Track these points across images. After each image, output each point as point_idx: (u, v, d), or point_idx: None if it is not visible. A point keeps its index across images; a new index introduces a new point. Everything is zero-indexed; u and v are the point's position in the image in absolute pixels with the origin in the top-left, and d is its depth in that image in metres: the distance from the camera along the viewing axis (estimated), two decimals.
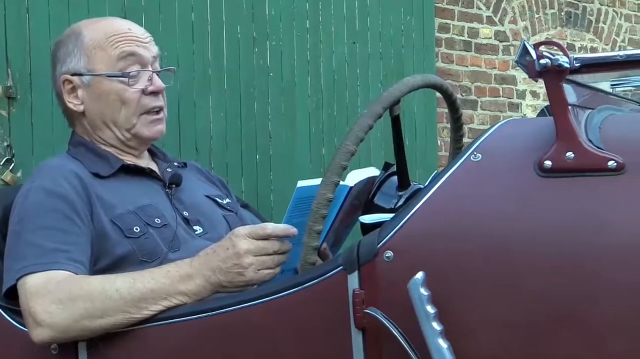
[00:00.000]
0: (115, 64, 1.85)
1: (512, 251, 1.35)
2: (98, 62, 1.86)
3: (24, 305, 1.60)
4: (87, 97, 1.87)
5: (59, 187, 1.72)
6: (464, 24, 4.63)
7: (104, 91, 1.86)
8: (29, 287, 1.60)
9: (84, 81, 1.87)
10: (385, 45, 4.03)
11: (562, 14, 5.25)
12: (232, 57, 3.43)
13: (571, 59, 1.35)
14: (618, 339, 1.30)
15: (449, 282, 1.36)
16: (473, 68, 4.70)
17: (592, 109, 1.51)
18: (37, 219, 1.68)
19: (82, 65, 1.86)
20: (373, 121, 1.52)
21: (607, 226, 1.32)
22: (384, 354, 1.40)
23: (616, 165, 1.34)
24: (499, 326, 1.35)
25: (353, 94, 3.87)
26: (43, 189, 1.72)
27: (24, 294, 1.60)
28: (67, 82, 1.88)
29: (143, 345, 1.57)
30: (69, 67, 1.88)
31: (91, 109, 1.88)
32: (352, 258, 1.41)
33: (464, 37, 4.64)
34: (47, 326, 1.56)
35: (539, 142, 1.39)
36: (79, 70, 1.87)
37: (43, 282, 1.59)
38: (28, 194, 1.73)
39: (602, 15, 5.50)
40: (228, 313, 1.50)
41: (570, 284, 1.32)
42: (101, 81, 1.85)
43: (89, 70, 1.86)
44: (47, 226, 1.67)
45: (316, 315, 1.44)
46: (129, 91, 1.85)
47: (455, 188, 1.41)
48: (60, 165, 1.81)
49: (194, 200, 1.90)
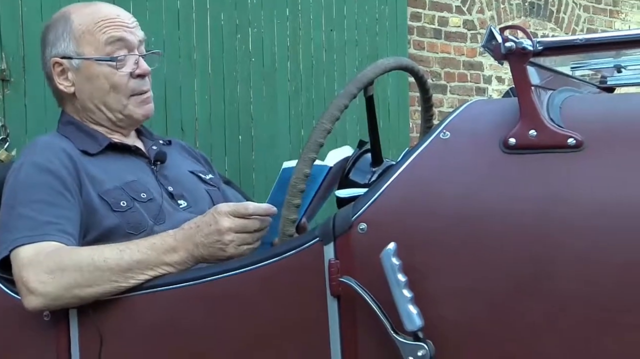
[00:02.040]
0: (103, 48, 1.83)
1: (478, 223, 1.35)
2: (87, 46, 1.84)
3: (16, 275, 1.59)
4: (77, 79, 1.86)
5: (49, 164, 1.71)
6: (435, 13, 4.63)
7: (93, 74, 1.84)
8: (22, 258, 1.59)
9: (74, 64, 1.85)
10: (361, 32, 4.03)
11: (526, 4, 5.26)
12: (216, 43, 3.42)
13: (534, 42, 1.35)
14: (576, 307, 1.30)
15: (419, 252, 1.36)
16: (443, 55, 4.70)
17: (554, 90, 1.51)
18: (29, 193, 1.67)
19: (71, 49, 1.85)
20: (348, 101, 1.52)
21: (567, 199, 1.32)
22: (358, 320, 1.40)
23: (575, 142, 1.34)
24: (466, 294, 1.35)
25: (330, 79, 3.86)
26: (34, 165, 1.71)
27: (17, 264, 1.59)
28: (57, 65, 1.86)
29: (130, 312, 1.56)
30: (59, 51, 1.86)
31: (81, 90, 1.86)
32: (328, 230, 1.40)
33: (434, 25, 4.64)
34: (39, 295, 1.55)
35: (504, 121, 1.39)
36: (68, 53, 1.85)
37: (34, 253, 1.58)
38: (20, 169, 1.72)
39: (563, 6, 5.52)
40: (211, 282, 1.49)
41: (532, 255, 1.32)
42: (90, 65, 1.84)
43: (78, 54, 1.84)
44: (39, 199, 1.66)
45: (294, 283, 1.44)
46: (117, 74, 1.84)
47: (425, 164, 1.41)
48: (50, 143, 1.80)
49: (178, 176, 1.90)
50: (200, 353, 1.51)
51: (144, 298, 1.54)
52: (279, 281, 1.45)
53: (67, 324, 1.59)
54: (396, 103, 4.15)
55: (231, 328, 1.49)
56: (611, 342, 1.28)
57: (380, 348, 1.37)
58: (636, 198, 1.29)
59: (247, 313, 1.48)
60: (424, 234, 1.37)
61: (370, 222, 1.39)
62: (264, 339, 1.47)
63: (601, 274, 1.29)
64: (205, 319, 1.51)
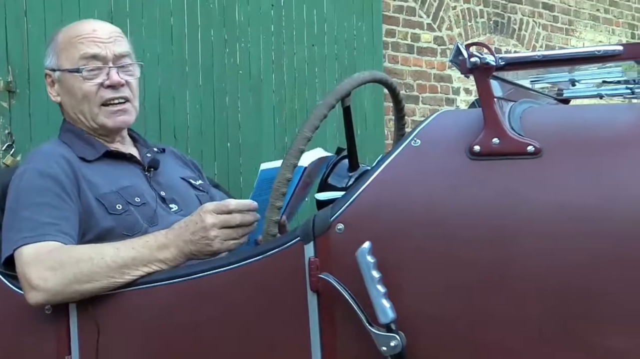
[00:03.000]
0: (77, 62, 1.84)
1: (446, 223, 1.35)
2: (64, 60, 1.85)
3: (20, 272, 1.58)
4: (60, 90, 1.88)
5: (50, 169, 1.70)
6: (408, 29, 4.63)
7: (69, 85, 1.85)
8: (25, 256, 1.58)
9: (56, 76, 1.87)
10: (340, 47, 4.03)
11: (491, 22, 5.27)
12: (206, 57, 3.41)
13: (497, 58, 1.35)
14: (536, 300, 1.30)
15: (392, 250, 1.36)
16: (415, 68, 4.71)
17: (515, 101, 1.52)
18: (31, 197, 1.67)
19: (54, 62, 1.87)
20: (327, 111, 1.51)
21: (527, 201, 1.32)
22: (336, 313, 1.39)
23: (534, 149, 1.34)
24: (435, 289, 1.35)
25: (312, 90, 3.86)
26: (36, 170, 1.71)
27: (20, 262, 1.58)
28: (48, 76, 1.90)
29: (125, 307, 1.56)
30: (48, 64, 1.90)
31: (64, 101, 1.88)
32: (308, 230, 1.40)
33: (407, 41, 4.64)
34: (41, 290, 1.55)
35: (470, 130, 1.39)
36: (52, 66, 1.88)
37: (36, 251, 1.58)
38: (23, 175, 1.71)
39: (524, 25, 5.54)
40: (199, 279, 1.49)
41: (496, 252, 1.32)
42: (66, 76, 1.85)
43: (58, 67, 1.86)
44: (40, 202, 1.65)
45: (277, 279, 1.44)
46: (85, 84, 1.83)
47: (397, 169, 1.41)
48: (51, 150, 1.79)
49: (170, 182, 1.89)
50: (189, 344, 1.50)
51: (137, 294, 1.53)
52: (263, 277, 1.45)
53: (67, 318, 1.58)
54: (372, 113, 4.15)
55: (218, 320, 1.48)
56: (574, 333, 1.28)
57: (357, 339, 1.36)
58: (588, 201, 1.30)
59: (233, 307, 1.47)
60: (397, 234, 1.37)
61: (347, 223, 1.39)
62: (248, 330, 1.46)
63: (558, 269, 1.29)
64: (194, 314, 1.50)
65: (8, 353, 1.65)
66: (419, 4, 4.71)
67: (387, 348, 1.33)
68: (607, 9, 6.37)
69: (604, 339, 1.27)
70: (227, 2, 3.50)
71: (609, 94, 1.74)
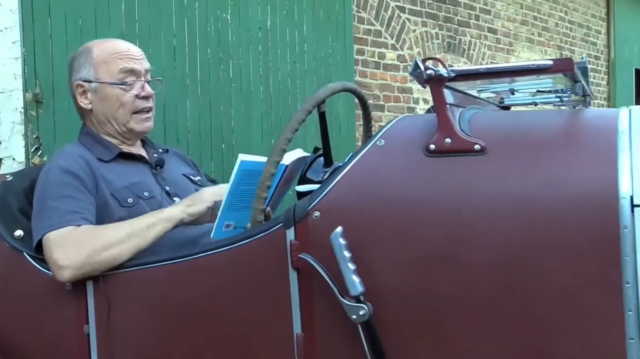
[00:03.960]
0: (116, 75, 1.81)
1: (406, 210, 1.35)
2: (103, 73, 1.81)
3: (48, 254, 1.56)
4: (94, 98, 1.83)
5: (71, 167, 1.69)
6: (375, 49, 4.62)
7: (107, 95, 1.81)
8: (52, 240, 1.57)
9: (92, 87, 1.82)
10: (318, 64, 4.02)
11: (445, 43, 5.28)
12: (204, 72, 3.39)
13: (448, 70, 1.35)
14: (484, 273, 1.30)
15: (361, 234, 1.35)
16: (381, 81, 4.70)
17: (464, 107, 1.51)
18: (56, 190, 1.65)
19: (91, 74, 1.82)
20: (305, 116, 1.50)
21: (474, 191, 1.32)
22: (313, 287, 1.39)
23: (480, 147, 1.34)
24: (398, 266, 1.35)
25: (294, 100, 3.84)
26: (60, 168, 1.69)
27: (49, 246, 1.57)
28: (79, 87, 1.84)
29: (132, 284, 1.54)
30: (82, 76, 1.84)
31: (97, 108, 1.83)
32: (289, 217, 1.39)
33: (374, 59, 4.63)
34: (67, 267, 1.53)
35: (426, 131, 1.39)
36: (88, 78, 1.83)
37: (62, 235, 1.57)
38: (49, 172, 1.70)
39: (472, 45, 5.55)
40: (197, 259, 1.47)
41: (448, 235, 1.32)
42: (105, 87, 1.81)
43: (96, 79, 1.82)
44: (64, 194, 1.64)
45: (263, 259, 1.43)
46: (125, 95, 1.81)
47: (365, 165, 1.40)
48: (72, 151, 1.77)
49: (173, 178, 1.87)
50: (188, 316, 1.49)
51: (142, 273, 1.52)
52: (251, 257, 1.44)
53: (85, 293, 1.56)
54: (345, 119, 4.14)
55: (213, 295, 1.47)
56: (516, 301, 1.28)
57: (331, 308, 1.36)
58: (524, 190, 1.29)
59: (226, 283, 1.46)
60: (365, 219, 1.36)
61: (322, 211, 1.38)
62: (240, 302, 1.45)
63: (501, 247, 1.29)
64: (192, 289, 1.48)
65: (38, 324, 1.63)
66: (384, 28, 4.70)
67: (356, 316, 1.32)
68: (540, 33, 6.41)
69: (541, 307, 1.27)
70: (221, 26, 3.49)
71: (542, 101, 1.74)
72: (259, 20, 3.67)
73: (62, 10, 2.75)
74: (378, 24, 4.66)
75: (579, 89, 1.58)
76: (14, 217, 1.70)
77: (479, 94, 1.74)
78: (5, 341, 1.63)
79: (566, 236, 1.25)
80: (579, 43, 6.92)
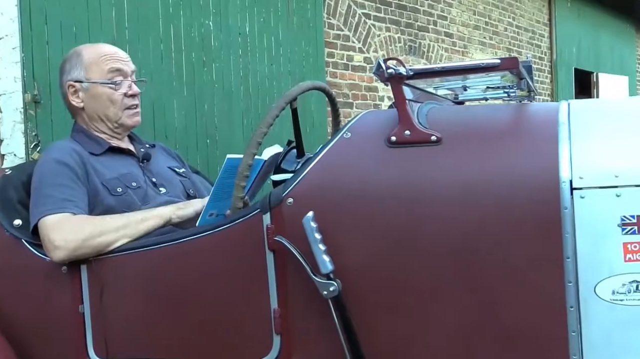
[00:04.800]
0: (105, 75, 1.77)
1: (369, 196, 1.33)
2: (93, 73, 1.77)
3: (44, 237, 1.53)
4: (85, 97, 1.79)
5: (64, 159, 1.65)
6: (344, 52, 4.60)
7: (97, 93, 1.78)
8: (48, 224, 1.53)
9: (84, 86, 1.78)
10: (293, 66, 3.99)
11: (406, 46, 5.27)
12: (189, 74, 3.34)
13: (407, 69, 1.34)
14: (440, 253, 1.29)
15: (330, 218, 1.34)
16: (350, 81, 4.68)
17: (422, 103, 1.50)
18: (51, 179, 1.61)
19: (82, 75, 1.78)
20: (279, 112, 1.48)
21: (431, 178, 1.31)
22: (288, 267, 1.37)
23: (436, 139, 1.33)
24: (363, 247, 1.34)
25: (271, 99, 3.81)
26: (54, 160, 1.65)
27: (45, 229, 1.53)
28: (71, 87, 1.79)
29: (122, 266, 1.51)
30: (73, 76, 1.79)
31: (88, 105, 1.79)
32: (265, 203, 1.37)
33: (344, 61, 4.61)
34: (63, 248, 1.50)
35: (388, 125, 1.38)
36: (80, 78, 1.78)
37: (57, 220, 1.54)
38: (44, 164, 1.66)
39: (431, 48, 5.55)
40: (182, 243, 1.45)
41: (407, 219, 1.31)
42: (96, 87, 1.77)
43: (87, 79, 1.78)
44: (58, 184, 1.60)
45: (243, 242, 1.40)
46: (115, 94, 1.78)
47: (333, 155, 1.38)
48: (64, 145, 1.74)
49: (159, 170, 1.84)
50: (173, 297, 1.46)
51: (132, 256, 1.49)
52: (232, 241, 1.41)
53: (79, 275, 1.53)
54: (317, 115, 4.12)
55: (198, 276, 1.45)
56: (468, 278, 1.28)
57: (304, 286, 1.34)
58: (476, 177, 1.29)
59: (210, 265, 1.44)
60: (333, 205, 1.35)
61: (295, 198, 1.36)
62: (222, 282, 1.43)
63: (455, 230, 1.28)
64: (178, 271, 1.46)
65: (37, 305, 1.59)
66: (352, 33, 4.68)
67: (327, 292, 1.31)
68: (491, 37, 6.43)
69: (491, 283, 1.27)
70: (204, 32, 3.44)
71: (492, 97, 1.74)
72: (238, 27, 3.63)
73: (57, 18, 2.71)
74: (346, 29, 4.63)
75: (524, 85, 1.58)
76: (13, 208, 1.66)
77: (436, 91, 1.73)
78: (6, 322, 1.59)
79: (513, 218, 1.25)
80: (525, 45, 6.96)
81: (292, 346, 1.38)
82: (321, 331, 1.34)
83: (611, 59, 8.66)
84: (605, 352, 1.22)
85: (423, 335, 1.30)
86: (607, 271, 1.21)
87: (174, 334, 1.45)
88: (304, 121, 3.88)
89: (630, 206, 1.21)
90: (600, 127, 1.35)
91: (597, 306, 1.21)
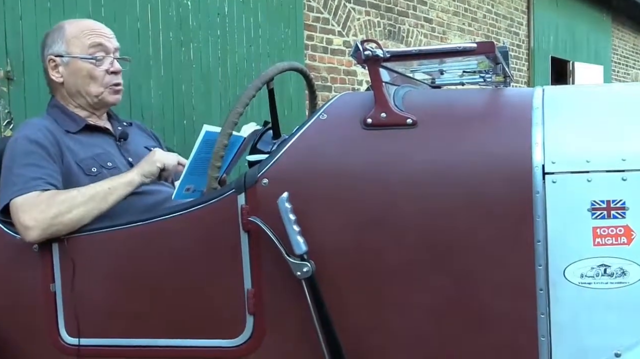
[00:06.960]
0: (87, 50, 1.73)
1: (344, 177, 1.33)
2: (74, 48, 1.73)
3: (15, 217, 1.50)
4: (65, 72, 1.74)
5: (37, 137, 1.61)
6: (323, 35, 4.57)
7: (78, 68, 1.73)
8: (19, 204, 1.51)
9: (64, 61, 1.74)
10: (271, 48, 3.96)
11: (386, 30, 5.26)
12: (166, 54, 3.30)
13: (384, 51, 1.33)
14: (412, 233, 1.30)
15: (304, 199, 1.33)
16: (329, 65, 4.66)
17: (398, 86, 1.50)
18: (22, 158, 1.57)
19: (63, 49, 1.74)
20: (255, 92, 1.47)
21: (405, 160, 1.31)
22: (262, 248, 1.37)
23: (412, 121, 1.33)
24: (338, 228, 1.34)
25: (250, 80, 3.77)
26: (26, 138, 1.61)
27: (16, 209, 1.50)
28: (52, 61, 1.75)
29: (94, 245, 1.49)
30: (54, 50, 1.75)
31: (68, 80, 1.75)
32: (240, 184, 1.36)
33: (323, 44, 4.59)
34: (34, 228, 1.48)
35: (364, 107, 1.37)
36: (60, 53, 1.74)
37: (27, 199, 1.51)
38: (16, 142, 1.62)
39: (410, 33, 5.54)
40: (156, 223, 1.43)
41: (382, 198, 1.31)
42: (76, 62, 1.73)
43: (68, 53, 1.73)
44: (29, 163, 1.56)
45: (218, 222, 1.40)
46: (96, 70, 1.74)
47: (309, 137, 1.38)
48: (38, 122, 1.69)
49: (136, 149, 1.81)
50: (146, 276, 1.45)
51: (104, 235, 1.47)
52: (206, 220, 1.40)
53: (50, 254, 1.51)
54: (296, 98, 4.11)
55: (172, 255, 1.43)
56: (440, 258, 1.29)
57: (278, 266, 1.34)
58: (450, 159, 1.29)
59: (184, 245, 1.42)
60: (308, 186, 1.34)
61: (270, 178, 1.35)
62: (197, 262, 1.42)
63: (427, 210, 1.29)
64: (151, 251, 1.44)
65: (7, 283, 1.56)
66: (332, 16, 4.65)
67: (300, 272, 1.31)
68: (470, 23, 6.45)
69: (463, 263, 1.28)
70: (182, 11, 3.39)
71: (468, 81, 1.74)
72: (217, 7, 3.58)
73: None
74: (326, 12, 4.60)
75: (500, 71, 1.59)
76: None
77: (413, 75, 1.73)
78: None
79: (486, 200, 1.26)
80: (503, 33, 6.99)
81: (265, 326, 1.38)
82: (294, 311, 1.34)
83: (587, 49, 8.74)
84: (572, 333, 1.24)
85: (395, 315, 1.31)
86: (577, 254, 1.23)
87: (147, 314, 1.44)
88: (282, 104, 3.86)
89: (601, 191, 1.22)
90: (574, 113, 1.36)
91: (566, 289, 1.23)
